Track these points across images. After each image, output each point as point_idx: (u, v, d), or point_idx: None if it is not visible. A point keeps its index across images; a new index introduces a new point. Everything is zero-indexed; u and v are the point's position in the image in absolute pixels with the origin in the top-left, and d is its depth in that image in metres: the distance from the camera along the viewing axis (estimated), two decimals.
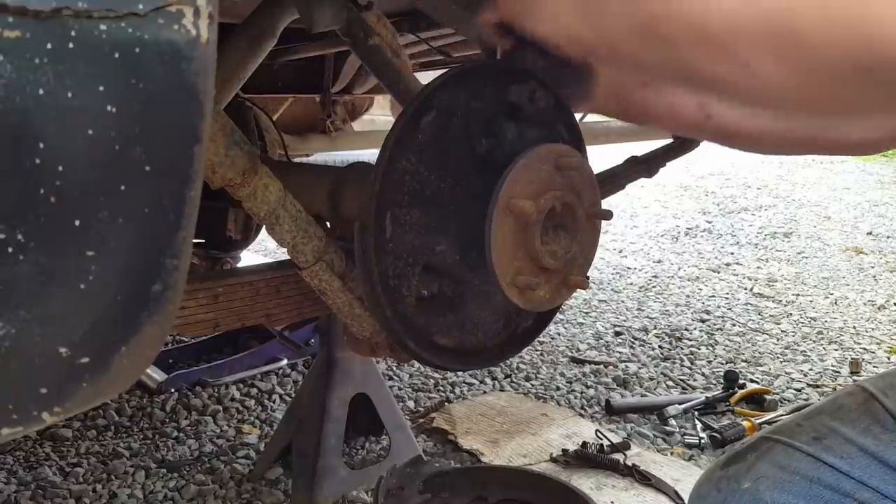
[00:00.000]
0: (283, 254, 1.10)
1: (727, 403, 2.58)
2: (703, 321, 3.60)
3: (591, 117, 2.84)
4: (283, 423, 2.13)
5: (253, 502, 2.00)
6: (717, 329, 3.47)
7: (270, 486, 2.06)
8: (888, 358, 3.15)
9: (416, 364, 2.80)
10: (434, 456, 2.23)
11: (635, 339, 3.35)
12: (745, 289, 4.18)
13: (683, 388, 2.78)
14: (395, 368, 2.90)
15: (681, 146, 1.88)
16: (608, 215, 1.03)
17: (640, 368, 2.97)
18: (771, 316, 3.70)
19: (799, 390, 2.79)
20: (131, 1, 0.44)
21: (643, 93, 0.95)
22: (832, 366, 3.05)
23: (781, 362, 3.08)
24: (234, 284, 1.39)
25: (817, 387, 2.83)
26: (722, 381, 2.74)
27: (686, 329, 3.47)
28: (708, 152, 5.98)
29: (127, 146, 0.45)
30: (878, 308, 3.83)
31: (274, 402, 2.64)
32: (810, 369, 3.00)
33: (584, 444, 2.21)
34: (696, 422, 2.45)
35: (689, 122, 0.94)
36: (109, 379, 0.51)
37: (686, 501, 1.12)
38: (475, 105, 0.99)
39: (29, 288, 0.44)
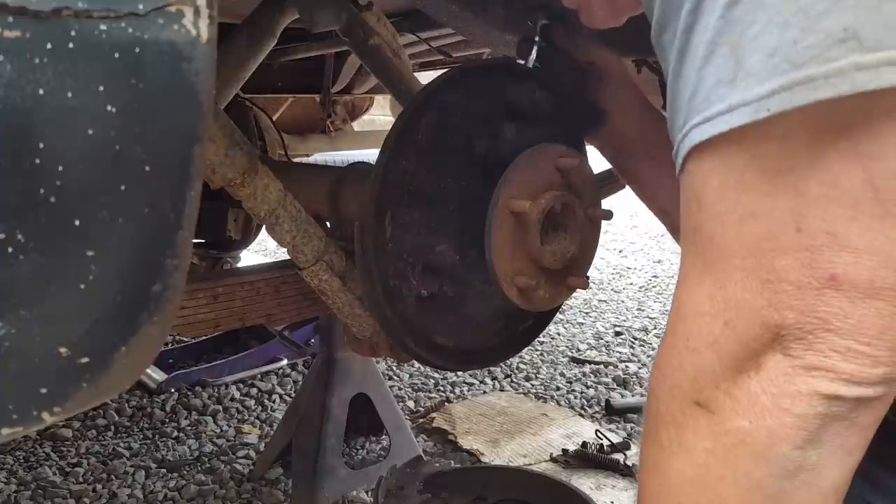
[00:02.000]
0: (283, 254, 1.10)
1: None
2: None
3: None
4: (283, 423, 2.13)
5: (253, 502, 2.00)
6: None
7: (270, 486, 2.06)
8: None
9: (416, 364, 2.80)
10: (434, 456, 2.23)
11: (635, 338, 3.35)
12: None
13: None
14: (395, 368, 2.90)
15: None
16: (608, 215, 1.03)
17: (640, 368, 2.97)
18: None
19: None
20: (131, 1, 0.44)
21: (641, 163, 1.02)
22: None
23: None
24: (234, 284, 1.39)
25: None
26: None
27: None
28: None
29: (127, 146, 0.45)
30: None
31: (274, 402, 2.64)
32: None
33: (584, 444, 2.21)
34: None
35: (657, 211, 1.02)
36: (109, 379, 0.51)
37: None
38: (475, 105, 0.99)
39: (29, 288, 0.44)
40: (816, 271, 0.48)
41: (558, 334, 3.39)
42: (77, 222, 0.45)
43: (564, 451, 2.18)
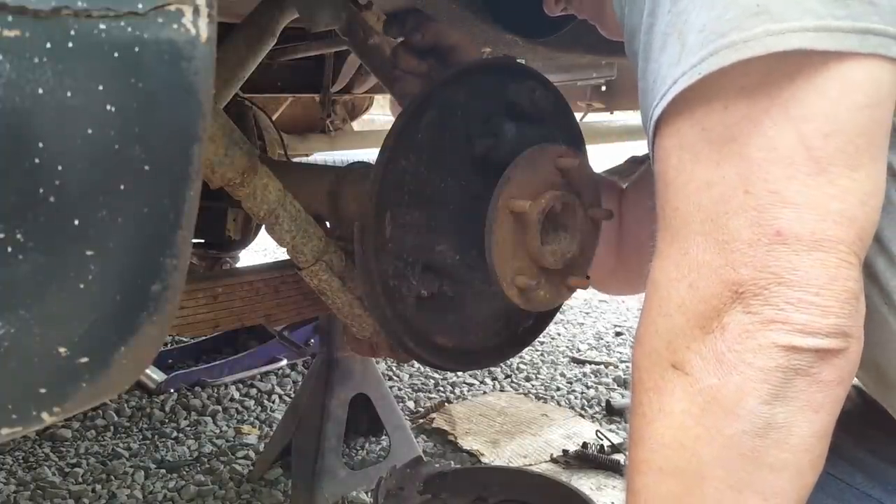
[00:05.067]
0: (282, 254, 1.10)
1: None
2: None
3: (592, 116, 2.84)
4: (283, 423, 2.13)
5: (252, 503, 2.00)
6: None
7: (270, 486, 2.06)
8: None
9: (416, 364, 2.79)
10: (434, 456, 2.23)
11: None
12: None
13: None
14: (395, 368, 2.90)
15: None
16: (608, 215, 1.02)
17: None
18: None
19: None
20: (131, 0, 0.44)
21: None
22: None
23: None
24: (233, 284, 1.38)
25: None
26: None
27: None
28: None
29: (126, 146, 0.45)
30: None
31: (273, 402, 2.64)
32: None
33: (585, 444, 2.21)
34: None
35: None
36: (109, 379, 0.51)
37: None
38: (475, 104, 0.99)
39: (28, 288, 0.44)
40: (764, 228, 0.53)
41: (559, 334, 3.39)
42: (76, 222, 0.44)
43: (565, 451, 2.18)
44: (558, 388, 2.76)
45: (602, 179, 1.16)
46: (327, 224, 1.16)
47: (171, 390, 2.64)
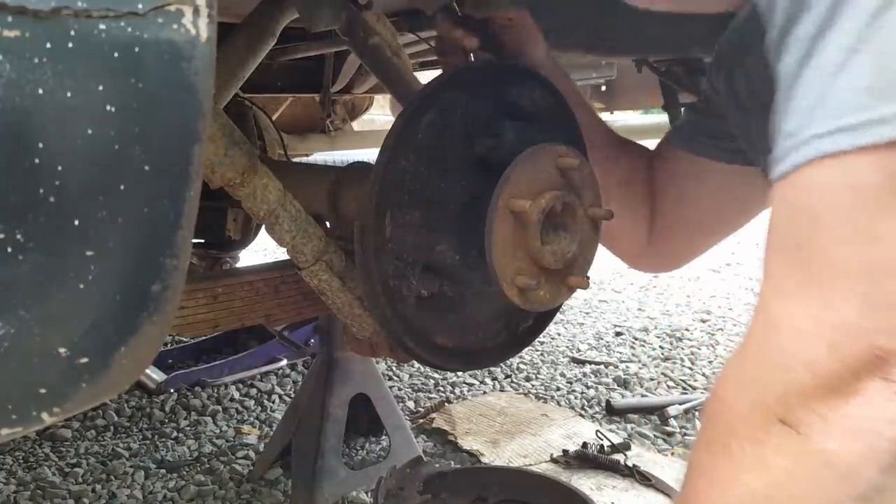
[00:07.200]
0: (282, 254, 1.10)
1: None
2: (703, 321, 3.59)
3: None
4: (283, 423, 2.13)
5: (252, 503, 2.00)
6: (718, 329, 3.47)
7: (270, 486, 2.06)
8: None
9: (416, 364, 2.79)
10: (434, 456, 2.23)
11: (636, 339, 3.35)
12: (746, 288, 4.17)
13: (684, 389, 2.78)
14: (395, 368, 2.90)
15: None
16: (608, 215, 1.02)
17: (640, 369, 2.97)
18: None
19: None
20: (131, 0, 0.44)
21: None
22: None
23: None
24: (233, 284, 1.39)
25: None
26: None
27: (687, 329, 3.46)
28: None
29: (126, 146, 0.45)
30: None
31: (273, 402, 2.64)
32: None
33: (585, 444, 2.21)
34: (697, 422, 2.45)
35: None
36: (109, 379, 0.51)
37: None
38: (475, 105, 0.99)
39: (28, 288, 0.44)
40: None
41: (558, 334, 3.39)
42: (76, 222, 0.44)
43: (565, 451, 2.18)
44: (558, 388, 2.76)
45: (628, 145, 1.11)
46: (327, 224, 1.16)
47: (171, 390, 2.64)
